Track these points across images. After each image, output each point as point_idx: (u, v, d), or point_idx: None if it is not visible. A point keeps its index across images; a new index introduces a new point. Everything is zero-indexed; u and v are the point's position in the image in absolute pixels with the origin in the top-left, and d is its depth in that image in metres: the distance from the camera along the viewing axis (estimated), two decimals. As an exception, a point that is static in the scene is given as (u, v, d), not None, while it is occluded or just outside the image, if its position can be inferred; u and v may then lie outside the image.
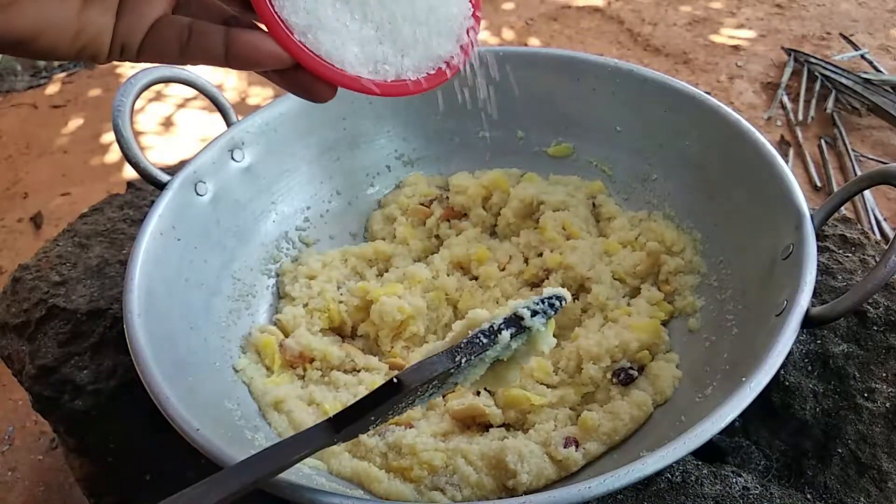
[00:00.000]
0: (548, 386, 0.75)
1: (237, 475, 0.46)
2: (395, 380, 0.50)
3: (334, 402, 0.74)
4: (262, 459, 0.48)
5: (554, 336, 0.60)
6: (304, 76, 0.43)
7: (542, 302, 0.59)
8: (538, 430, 0.69)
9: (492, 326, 0.56)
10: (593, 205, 0.94)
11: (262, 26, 0.42)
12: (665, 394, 0.71)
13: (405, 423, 0.72)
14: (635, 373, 0.73)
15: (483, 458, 0.66)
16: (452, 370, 0.53)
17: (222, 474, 0.46)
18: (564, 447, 0.66)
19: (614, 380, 0.73)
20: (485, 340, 0.55)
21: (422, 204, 0.97)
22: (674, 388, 0.72)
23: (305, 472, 0.66)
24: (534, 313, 0.57)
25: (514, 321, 0.57)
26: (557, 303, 0.59)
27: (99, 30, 0.39)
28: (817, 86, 2.15)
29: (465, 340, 0.55)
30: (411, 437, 0.68)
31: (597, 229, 0.92)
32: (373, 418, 0.52)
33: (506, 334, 0.56)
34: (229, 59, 0.41)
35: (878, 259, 0.64)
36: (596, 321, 0.81)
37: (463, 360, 0.54)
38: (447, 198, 0.98)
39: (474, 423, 0.73)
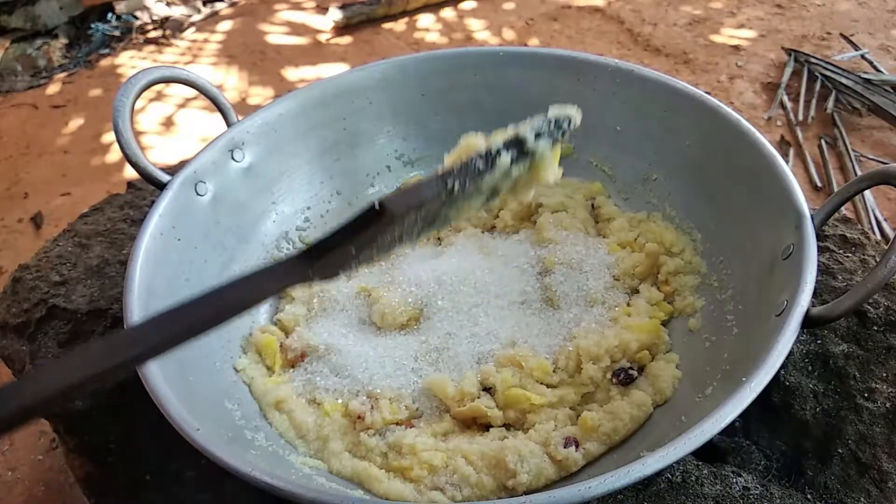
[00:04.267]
0: (548, 386, 0.75)
1: (207, 305, 0.41)
2: (377, 204, 0.44)
3: (336, 402, 0.74)
4: (232, 289, 0.42)
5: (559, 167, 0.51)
6: None
7: (549, 123, 0.51)
8: (538, 430, 0.69)
9: (489, 151, 0.49)
10: (592, 206, 0.94)
11: None
12: (665, 394, 0.71)
13: (405, 422, 0.72)
14: (635, 373, 0.73)
15: (483, 458, 0.66)
16: (444, 197, 0.47)
17: (188, 303, 0.41)
18: (564, 447, 0.66)
19: (614, 380, 0.73)
20: (481, 165, 0.48)
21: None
22: (674, 389, 0.72)
23: (305, 472, 0.66)
24: (538, 135, 0.50)
25: (516, 144, 0.49)
26: (565, 124, 0.52)
27: None
28: (817, 86, 2.15)
29: (458, 165, 0.48)
30: (411, 437, 0.68)
31: (596, 230, 0.92)
32: (353, 251, 0.45)
33: (506, 157, 0.48)
34: None
35: (878, 259, 0.64)
36: (595, 312, 0.80)
37: (456, 185, 0.47)
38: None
39: (474, 423, 0.73)
